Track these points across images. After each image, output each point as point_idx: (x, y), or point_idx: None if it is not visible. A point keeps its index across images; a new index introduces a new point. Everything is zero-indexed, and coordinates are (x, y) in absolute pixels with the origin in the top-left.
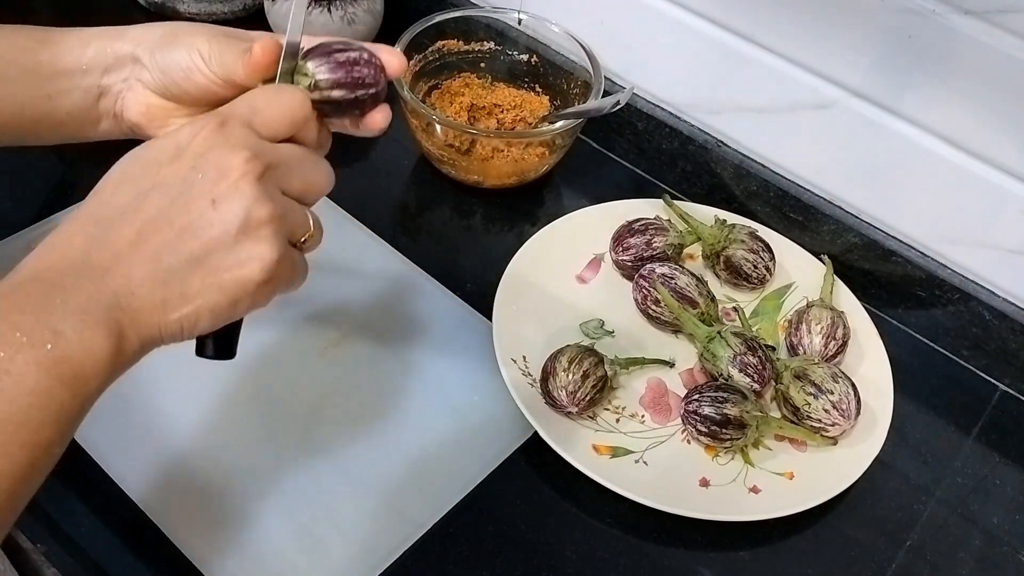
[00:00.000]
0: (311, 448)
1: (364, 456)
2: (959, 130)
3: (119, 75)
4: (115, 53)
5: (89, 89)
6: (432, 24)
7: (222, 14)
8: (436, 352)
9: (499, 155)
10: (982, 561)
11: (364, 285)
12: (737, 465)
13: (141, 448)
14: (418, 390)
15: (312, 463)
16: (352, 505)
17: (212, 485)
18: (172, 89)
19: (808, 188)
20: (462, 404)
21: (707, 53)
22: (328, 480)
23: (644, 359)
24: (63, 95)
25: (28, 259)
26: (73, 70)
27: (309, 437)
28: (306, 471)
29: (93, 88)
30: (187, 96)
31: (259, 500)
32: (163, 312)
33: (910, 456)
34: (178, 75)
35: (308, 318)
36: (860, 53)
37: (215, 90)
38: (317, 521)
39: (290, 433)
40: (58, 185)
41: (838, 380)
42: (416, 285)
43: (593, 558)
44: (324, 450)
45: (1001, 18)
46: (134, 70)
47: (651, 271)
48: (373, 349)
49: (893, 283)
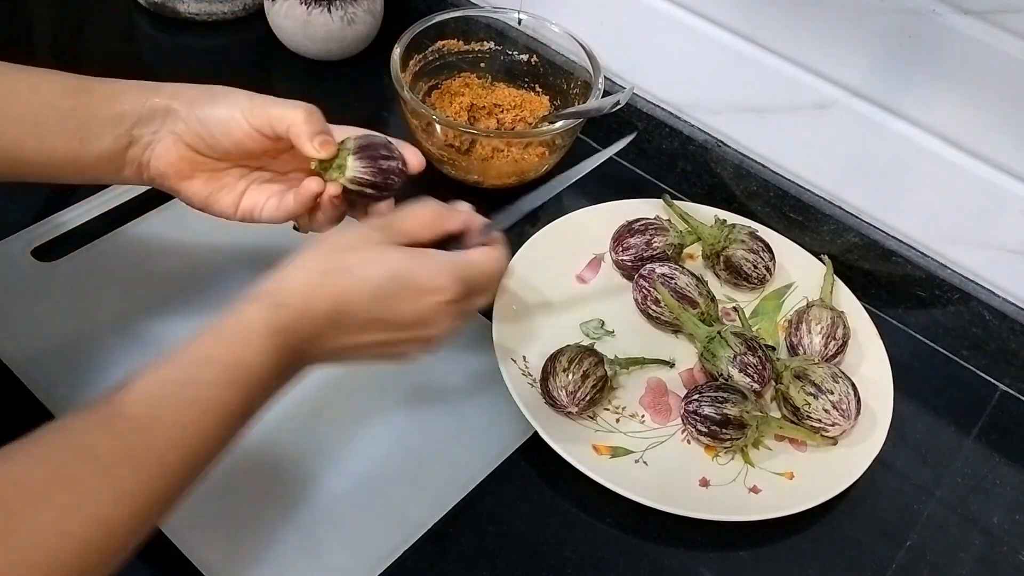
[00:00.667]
0: (311, 448)
1: (364, 456)
2: (959, 130)
3: (150, 127)
4: (151, 106)
5: (120, 137)
6: (432, 24)
7: (222, 14)
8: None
9: (499, 155)
10: (982, 561)
11: None
12: (737, 465)
13: None
14: (418, 390)
15: (312, 463)
16: (352, 505)
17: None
18: (207, 141)
19: (808, 188)
20: (462, 404)
21: (707, 53)
22: (328, 480)
23: (644, 359)
24: (94, 140)
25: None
26: (107, 118)
27: (310, 437)
28: (306, 471)
29: (124, 136)
30: (218, 150)
31: (259, 500)
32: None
33: (910, 456)
34: (216, 128)
35: None
36: (860, 53)
37: (250, 145)
38: (317, 521)
39: (291, 433)
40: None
41: (838, 380)
42: None
43: (593, 558)
44: (324, 450)
45: (1001, 18)
46: (166, 122)
47: (651, 271)
48: None
49: (893, 283)
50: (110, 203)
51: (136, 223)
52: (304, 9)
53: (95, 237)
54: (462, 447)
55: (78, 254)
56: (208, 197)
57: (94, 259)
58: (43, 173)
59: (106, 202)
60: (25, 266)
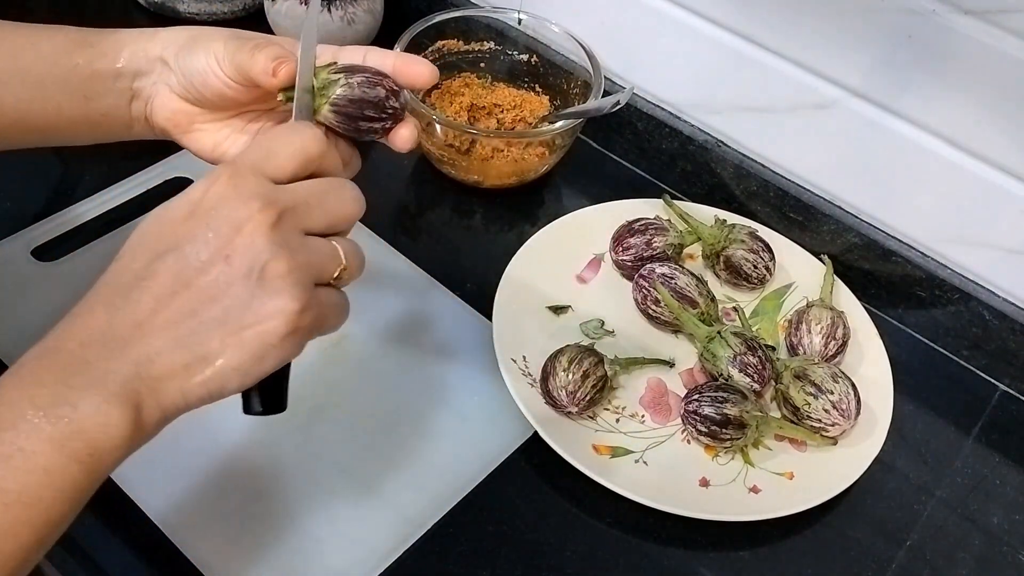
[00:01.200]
0: (311, 448)
1: (364, 456)
2: (959, 130)
3: (149, 79)
4: (147, 56)
5: (123, 92)
6: (432, 24)
7: (222, 14)
8: (436, 352)
9: (499, 155)
10: (982, 561)
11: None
12: (737, 465)
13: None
14: (418, 390)
15: (312, 463)
16: (352, 505)
17: (211, 485)
18: (193, 93)
19: (808, 188)
20: (462, 404)
21: (707, 53)
22: (328, 480)
23: (644, 359)
24: (99, 97)
25: (56, 327)
26: (108, 73)
27: (309, 437)
28: (306, 471)
29: (126, 91)
30: (207, 100)
31: (259, 500)
32: (185, 377)
33: (910, 456)
34: (197, 79)
35: None
36: (860, 53)
37: (230, 93)
38: (317, 521)
39: (291, 434)
40: (58, 185)
41: (838, 380)
42: (416, 285)
43: (593, 558)
44: (324, 450)
45: (1001, 18)
46: (162, 74)
47: (651, 271)
48: (373, 349)
49: (893, 283)
50: (110, 203)
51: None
52: (304, 9)
53: (95, 237)
54: (462, 447)
55: (78, 254)
56: (214, 150)
57: (94, 259)
58: (54, 135)
59: (106, 202)
60: (25, 266)
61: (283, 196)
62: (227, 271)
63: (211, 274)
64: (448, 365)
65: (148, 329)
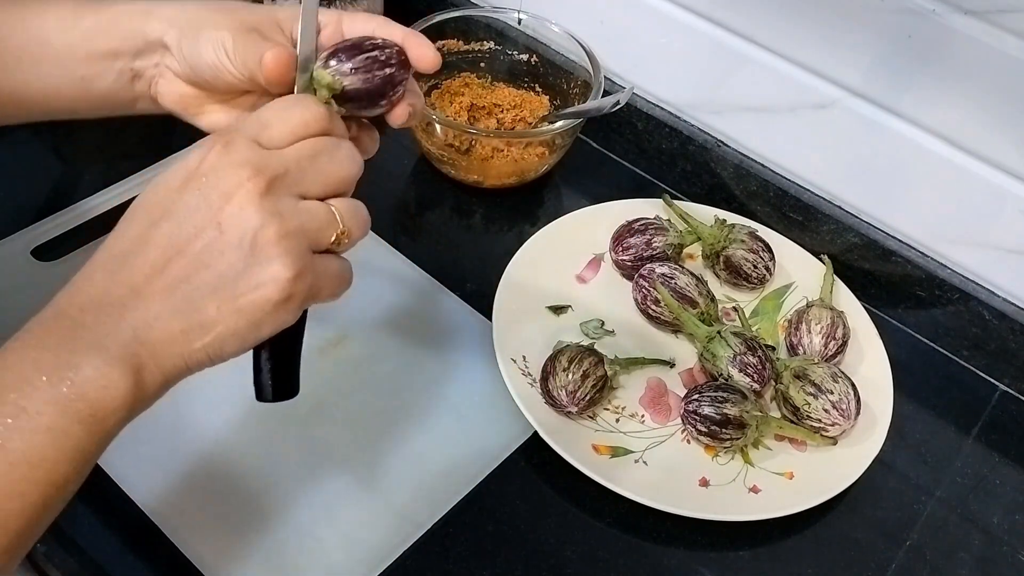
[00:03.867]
0: (311, 448)
1: (364, 456)
2: (959, 130)
3: (150, 60)
4: (145, 36)
5: (122, 72)
6: (432, 24)
7: None
8: (436, 352)
9: (499, 155)
10: (982, 561)
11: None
12: (737, 465)
13: (141, 448)
14: (418, 390)
15: (312, 463)
16: (352, 505)
17: (212, 485)
18: (202, 83)
19: (808, 188)
20: (462, 404)
21: (708, 53)
22: (328, 480)
23: (644, 359)
24: (97, 78)
25: (57, 295)
26: (104, 53)
27: (309, 437)
28: (306, 471)
29: (126, 71)
30: (216, 89)
31: (259, 500)
32: (185, 342)
33: (910, 456)
34: (207, 73)
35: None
36: (860, 53)
37: (242, 86)
38: (317, 521)
39: (290, 433)
40: (58, 184)
41: (838, 380)
42: (416, 285)
43: (593, 558)
44: (324, 450)
45: (1001, 18)
46: (164, 58)
47: (651, 271)
48: (373, 349)
49: (893, 283)
50: (110, 203)
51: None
52: None
53: (95, 237)
54: (462, 447)
55: (78, 254)
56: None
57: None
58: (55, 111)
59: (106, 202)
60: (25, 266)
61: (273, 162)
62: (219, 239)
63: (204, 241)
64: (448, 365)
65: (144, 294)
